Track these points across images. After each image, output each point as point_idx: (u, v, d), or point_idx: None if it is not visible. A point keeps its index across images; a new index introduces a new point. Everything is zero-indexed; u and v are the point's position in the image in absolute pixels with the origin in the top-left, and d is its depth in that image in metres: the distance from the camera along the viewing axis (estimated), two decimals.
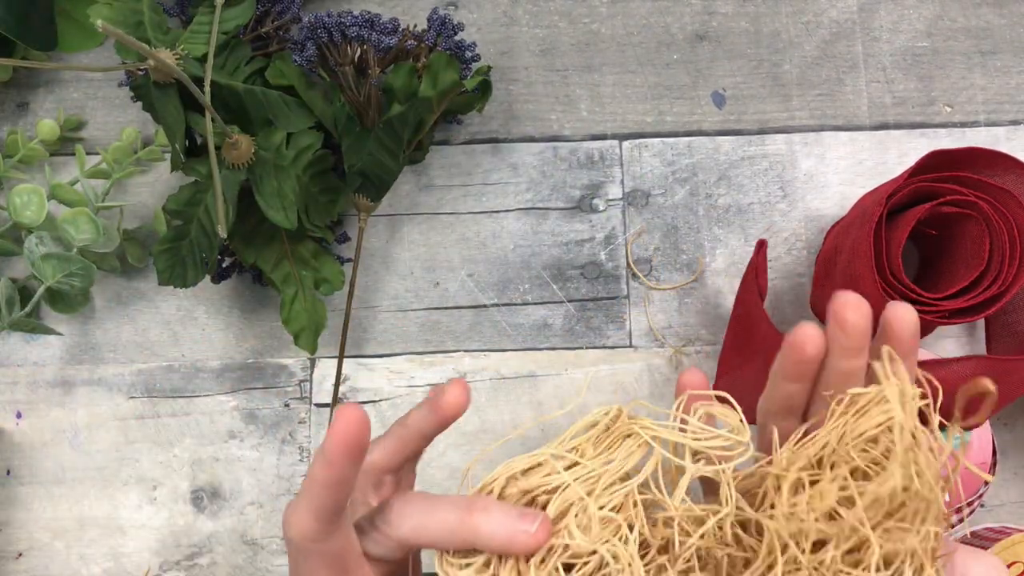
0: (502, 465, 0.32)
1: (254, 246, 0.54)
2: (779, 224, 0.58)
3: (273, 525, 0.55)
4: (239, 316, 0.58)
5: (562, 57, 0.59)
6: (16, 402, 0.57)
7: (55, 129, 0.57)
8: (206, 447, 0.56)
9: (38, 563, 0.55)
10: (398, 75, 0.52)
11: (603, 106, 0.59)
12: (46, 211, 0.53)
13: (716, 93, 0.59)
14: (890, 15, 0.60)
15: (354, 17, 0.53)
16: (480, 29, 0.60)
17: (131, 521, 0.56)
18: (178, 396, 0.57)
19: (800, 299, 0.57)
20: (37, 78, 0.60)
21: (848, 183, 0.58)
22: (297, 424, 0.56)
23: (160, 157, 0.58)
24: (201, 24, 0.52)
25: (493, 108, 0.59)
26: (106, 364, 0.57)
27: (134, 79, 0.52)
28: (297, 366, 0.57)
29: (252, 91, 0.52)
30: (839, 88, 0.59)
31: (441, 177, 0.59)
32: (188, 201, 0.51)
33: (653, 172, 0.58)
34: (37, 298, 0.53)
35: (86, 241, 0.53)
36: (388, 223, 0.58)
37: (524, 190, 0.58)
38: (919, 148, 0.58)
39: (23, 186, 0.53)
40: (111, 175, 0.56)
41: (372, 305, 0.58)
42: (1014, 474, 0.55)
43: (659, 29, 0.60)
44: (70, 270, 0.52)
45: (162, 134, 0.57)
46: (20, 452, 0.56)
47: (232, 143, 0.50)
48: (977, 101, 0.59)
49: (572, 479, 0.30)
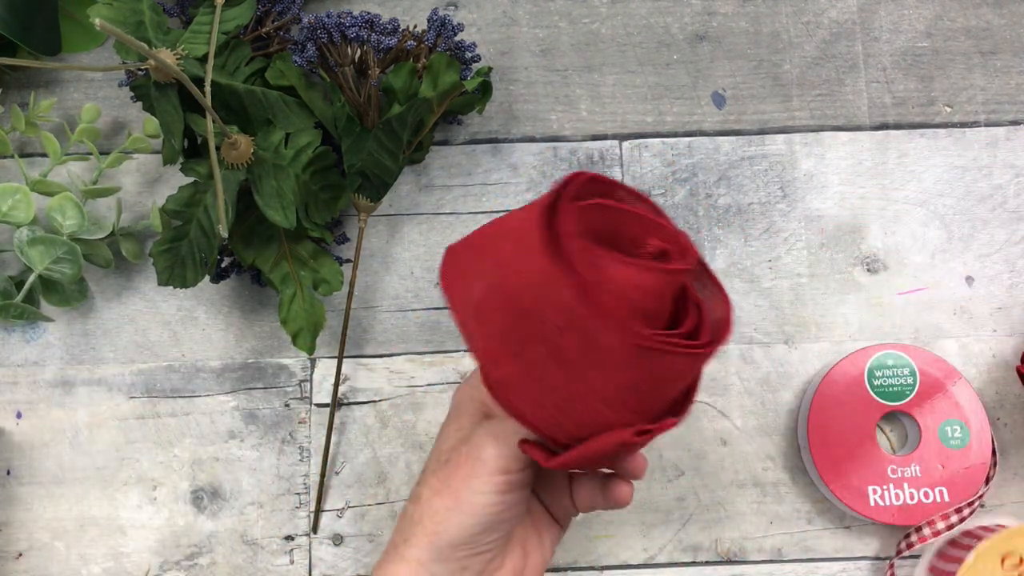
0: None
1: (253, 246, 0.54)
2: (779, 224, 0.58)
3: (273, 525, 0.55)
4: (239, 316, 0.58)
5: (562, 57, 0.59)
6: (16, 402, 0.57)
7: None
8: (206, 447, 0.56)
9: (38, 563, 0.55)
10: (398, 75, 0.52)
11: (603, 106, 0.59)
12: (34, 209, 0.54)
13: (716, 93, 0.59)
14: (890, 15, 0.60)
15: (354, 18, 0.53)
16: (480, 29, 0.60)
17: (131, 521, 0.56)
18: (178, 396, 0.57)
19: (800, 299, 0.57)
20: (37, 78, 0.60)
21: (848, 183, 0.58)
22: (297, 424, 0.56)
23: (148, 147, 0.57)
24: (201, 24, 0.52)
25: (493, 108, 0.59)
26: (106, 364, 0.57)
27: (134, 79, 0.52)
28: (297, 366, 0.57)
29: (252, 91, 0.52)
30: (839, 88, 0.59)
31: (441, 177, 0.59)
32: (187, 201, 0.51)
33: (653, 172, 0.58)
34: (29, 285, 0.53)
35: (73, 227, 0.53)
36: (388, 223, 0.58)
37: (524, 190, 0.58)
38: (919, 148, 0.58)
39: (4, 185, 0.53)
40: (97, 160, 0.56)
41: (372, 305, 0.58)
42: (1014, 474, 0.55)
43: (659, 29, 0.60)
44: (57, 255, 0.53)
45: (150, 123, 0.57)
46: (20, 452, 0.56)
47: (231, 143, 0.50)
48: (977, 101, 0.59)
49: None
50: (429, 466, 0.42)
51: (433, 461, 0.42)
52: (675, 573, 0.55)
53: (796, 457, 0.56)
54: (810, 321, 0.57)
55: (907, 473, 0.52)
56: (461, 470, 0.40)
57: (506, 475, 0.39)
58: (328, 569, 0.55)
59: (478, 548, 0.40)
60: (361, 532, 0.55)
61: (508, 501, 0.40)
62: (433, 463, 0.41)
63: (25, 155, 0.59)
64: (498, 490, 0.39)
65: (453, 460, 0.40)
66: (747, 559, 0.55)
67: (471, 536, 0.40)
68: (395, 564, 0.40)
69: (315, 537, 0.55)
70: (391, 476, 0.56)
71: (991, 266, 0.57)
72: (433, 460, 0.42)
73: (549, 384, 0.36)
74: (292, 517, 0.56)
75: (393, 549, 0.41)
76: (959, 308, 0.57)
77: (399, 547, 0.40)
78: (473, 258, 0.37)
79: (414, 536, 0.40)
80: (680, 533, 0.55)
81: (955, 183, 0.58)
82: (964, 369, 0.56)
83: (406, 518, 0.41)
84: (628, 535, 0.55)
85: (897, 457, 0.53)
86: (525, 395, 0.36)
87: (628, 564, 0.55)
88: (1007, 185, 0.58)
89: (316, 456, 0.56)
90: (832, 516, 0.55)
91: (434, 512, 0.40)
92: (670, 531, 0.55)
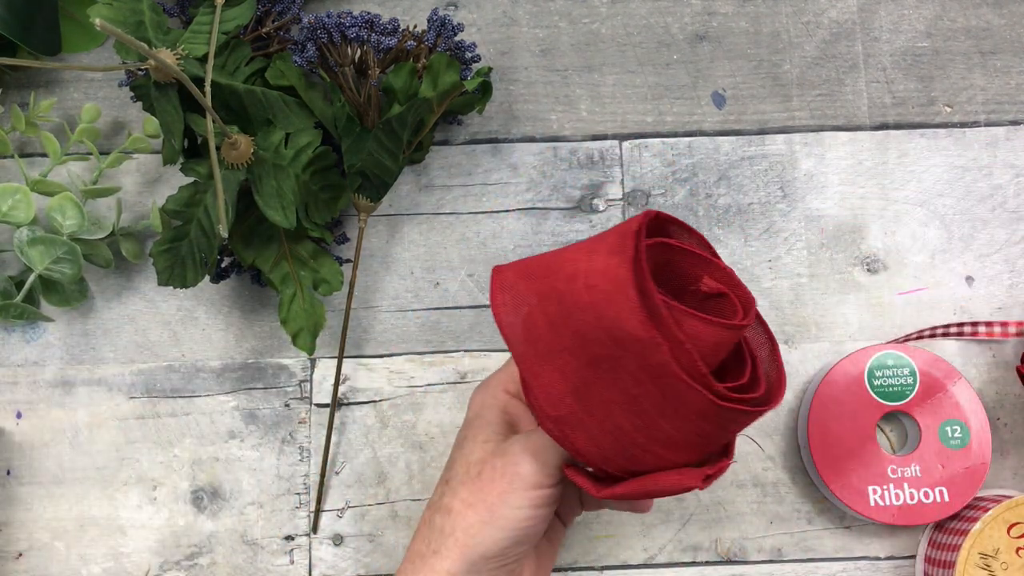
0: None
1: (253, 246, 0.54)
2: (779, 224, 0.58)
3: (273, 525, 0.55)
4: (239, 316, 0.58)
5: (562, 57, 0.60)
6: (16, 402, 0.57)
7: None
8: (206, 447, 0.56)
9: (38, 563, 0.55)
10: (398, 76, 0.52)
11: (603, 106, 0.59)
12: (34, 209, 0.54)
13: (716, 93, 0.59)
14: (890, 15, 0.60)
15: (354, 18, 0.53)
16: (480, 29, 0.60)
17: (131, 521, 0.56)
18: (178, 396, 0.57)
19: (800, 299, 0.57)
20: (37, 78, 0.60)
21: (848, 183, 0.58)
22: (297, 424, 0.56)
23: (148, 147, 0.57)
24: (201, 24, 0.52)
25: (493, 108, 0.59)
26: (106, 364, 0.57)
27: (134, 79, 0.52)
28: (297, 366, 0.57)
29: (252, 91, 0.52)
30: (839, 88, 0.59)
31: (441, 177, 0.59)
32: (187, 201, 0.51)
33: (653, 172, 0.58)
34: (29, 285, 0.53)
35: (73, 227, 0.53)
36: (388, 223, 0.58)
37: (524, 190, 0.58)
38: (919, 148, 0.58)
39: (4, 185, 0.53)
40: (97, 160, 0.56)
41: (372, 305, 0.58)
42: (1014, 474, 0.55)
43: (659, 29, 0.60)
44: (57, 255, 0.53)
45: (150, 123, 0.57)
46: (20, 452, 0.56)
47: (231, 143, 0.50)
48: (977, 101, 0.59)
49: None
50: (456, 476, 0.42)
51: (461, 472, 0.42)
52: (675, 573, 0.55)
53: (796, 457, 0.56)
54: (810, 321, 0.57)
55: (907, 473, 0.52)
56: (496, 485, 0.40)
57: (541, 490, 0.40)
58: (328, 569, 0.55)
59: (507, 560, 0.41)
60: (361, 532, 0.55)
61: (541, 515, 0.40)
62: (461, 474, 0.42)
63: (25, 155, 0.59)
64: (534, 504, 0.40)
65: (486, 473, 0.41)
66: (747, 559, 0.55)
67: (503, 549, 0.40)
68: (425, 575, 0.40)
69: (315, 537, 0.55)
70: (391, 476, 0.56)
71: (991, 266, 0.57)
72: (461, 471, 0.42)
73: (612, 425, 0.36)
74: (292, 517, 0.56)
75: (420, 560, 0.41)
76: (959, 308, 0.57)
77: (428, 558, 0.41)
78: (534, 290, 0.37)
79: (445, 548, 0.40)
80: (680, 533, 0.55)
81: (955, 183, 0.58)
82: (964, 369, 0.56)
83: (434, 528, 0.41)
84: (628, 535, 0.55)
85: (897, 457, 0.53)
86: (582, 431, 0.37)
87: (628, 564, 0.55)
88: (1007, 185, 0.58)
89: (316, 456, 0.56)
90: (832, 516, 0.55)
91: (468, 526, 0.40)
92: (670, 531, 0.55)
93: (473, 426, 0.43)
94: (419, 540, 0.42)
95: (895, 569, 0.55)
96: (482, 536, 0.40)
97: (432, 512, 0.42)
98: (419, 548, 0.42)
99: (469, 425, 0.44)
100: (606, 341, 0.35)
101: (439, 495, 0.42)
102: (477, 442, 0.42)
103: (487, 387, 0.44)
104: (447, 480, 0.42)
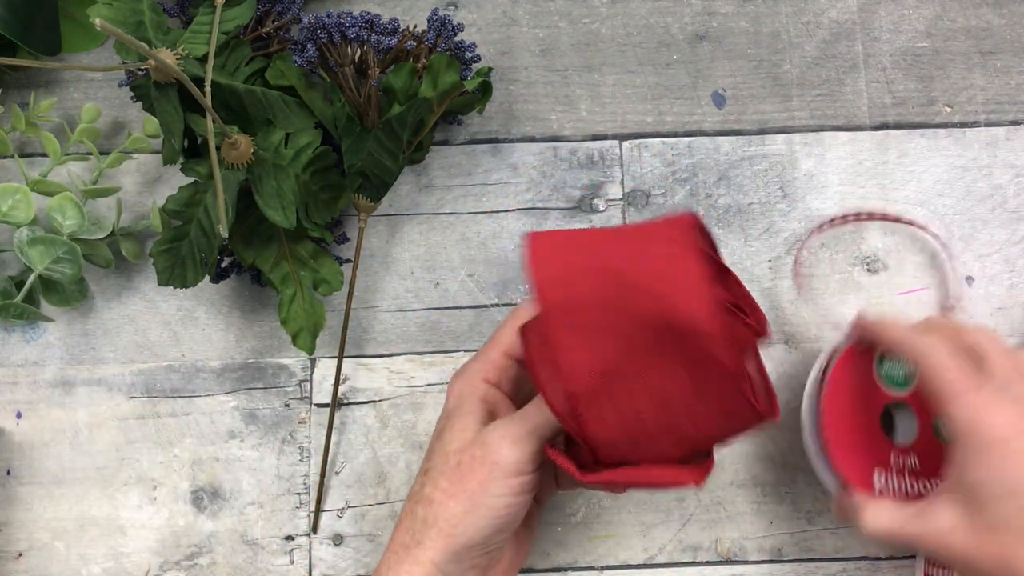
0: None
1: (253, 246, 0.54)
2: (779, 224, 0.58)
3: (273, 525, 0.55)
4: (239, 316, 0.58)
5: (562, 57, 0.60)
6: (16, 402, 0.57)
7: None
8: (206, 447, 0.56)
9: (38, 563, 0.55)
10: (398, 76, 0.52)
11: (603, 106, 0.59)
12: (34, 209, 0.54)
13: (716, 93, 0.59)
14: (890, 15, 0.60)
15: (354, 18, 0.53)
16: (480, 29, 0.60)
17: (131, 521, 0.56)
18: (178, 396, 0.57)
19: (799, 299, 0.57)
20: (37, 78, 0.60)
21: (848, 183, 0.58)
22: (297, 424, 0.56)
23: (148, 147, 0.57)
24: (201, 24, 0.52)
25: (493, 108, 0.59)
26: (106, 364, 0.57)
27: (134, 79, 0.52)
28: (297, 366, 0.57)
29: (252, 91, 0.52)
30: (839, 88, 0.59)
31: (441, 177, 0.59)
32: (187, 201, 0.51)
33: (653, 172, 0.58)
34: (29, 285, 0.53)
35: (73, 227, 0.53)
36: (388, 223, 0.58)
37: (524, 190, 0.58)
38: (919, 148, 0.58)
39: (4, 185, 0.53)
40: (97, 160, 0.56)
41: (372, 305, 0.58)
42: None
43: (659, 29, 0.60)
44: (57, 255, 0.53)
45: (150, 123, 0.57)
46: (20, 452, 0.56)
47: (231, 143, 0.50)
48: (977, 101, 0.59)
49: None
50: (434, 465, 0.42)
51: (439, 461, 0.42)
52: (675, 573, 0.55)
53: (796, 457, 0.56)
54: (810, 321, 0.57)
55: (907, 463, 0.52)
56: (476, 474, 0.40)
57: (521, 477, 0.40)
58: (328, 569, 0.55)
59: (489, 547, 0.41)
60: (361, 532, 0.55)
61: (522, 501, 0.41)
62: (441, 463, 0.42)
63: (25, 155, 0.59)
64: (514, 492, 0.40)
65: (465, 463, 0.41)
66: (747, 559, 0.55)
67: (486, 538, 0.40)
68: (409, 566, 0.40)
69: (315, 537, 0.55)
70: (391, 476, 0.56)
71: (991, 266, 0.57)
72: (439, 460, 0.42)
73: (632, 411, 0.36)
74: (292, 517, 0.56)
75: (404, 550, 0.41)
76: (959, 308, 0.57)
77: (411, 549, 0.41)
78: (586, 265, 0.37)
79: (428, 538, 0.40)
80: (680, 533, 0.55)
81: (955, 183, 0.58)
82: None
83: (416, 519, 0.41)
84: (628, 535, 0.55)
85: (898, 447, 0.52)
86: (595, 411, 0.37)
87: (628, 564, 0.55)
88: (1007, 185, 0.58)
89: (316, 456, 0.56)
90: (832, 516, 0.55)
91: (450, 516, 0.40)
92: (670, 531, 0.55)
93: (452, 415, 0.43)
94: (402, 531, 0.42)
95: (895, 569, 0.55)
96: (464, 526, 0.40)
97: (414, 503, 0.42)
98: (402, 539, 0.42)
99: (448, 415, 0.44)
100: (660, 327, 0.35)
101: (420, 485, 0.42)
102: (455, 431, 0.42)
103: (465, 375, 0.44)
104: (427, 470, 0.42)
